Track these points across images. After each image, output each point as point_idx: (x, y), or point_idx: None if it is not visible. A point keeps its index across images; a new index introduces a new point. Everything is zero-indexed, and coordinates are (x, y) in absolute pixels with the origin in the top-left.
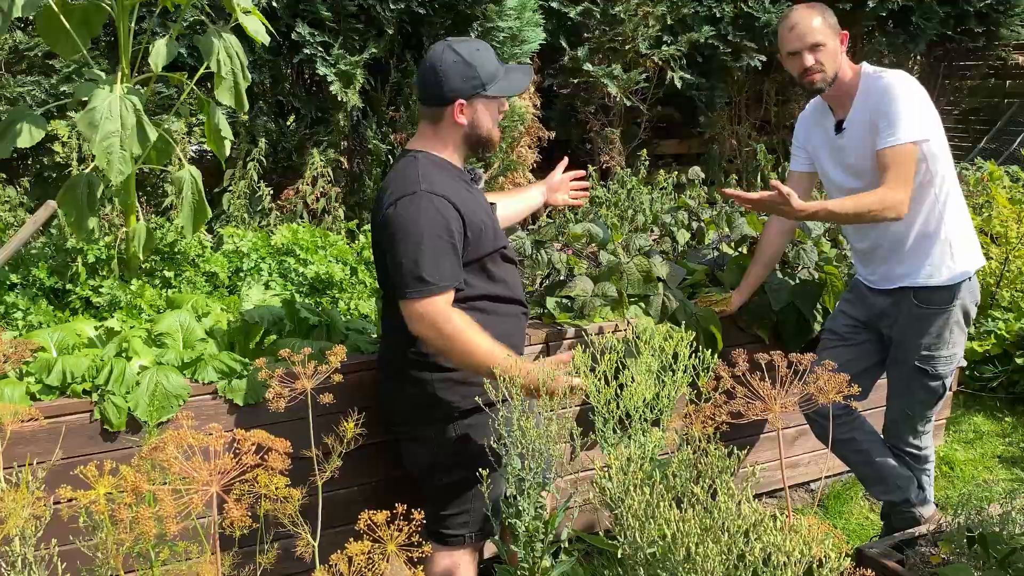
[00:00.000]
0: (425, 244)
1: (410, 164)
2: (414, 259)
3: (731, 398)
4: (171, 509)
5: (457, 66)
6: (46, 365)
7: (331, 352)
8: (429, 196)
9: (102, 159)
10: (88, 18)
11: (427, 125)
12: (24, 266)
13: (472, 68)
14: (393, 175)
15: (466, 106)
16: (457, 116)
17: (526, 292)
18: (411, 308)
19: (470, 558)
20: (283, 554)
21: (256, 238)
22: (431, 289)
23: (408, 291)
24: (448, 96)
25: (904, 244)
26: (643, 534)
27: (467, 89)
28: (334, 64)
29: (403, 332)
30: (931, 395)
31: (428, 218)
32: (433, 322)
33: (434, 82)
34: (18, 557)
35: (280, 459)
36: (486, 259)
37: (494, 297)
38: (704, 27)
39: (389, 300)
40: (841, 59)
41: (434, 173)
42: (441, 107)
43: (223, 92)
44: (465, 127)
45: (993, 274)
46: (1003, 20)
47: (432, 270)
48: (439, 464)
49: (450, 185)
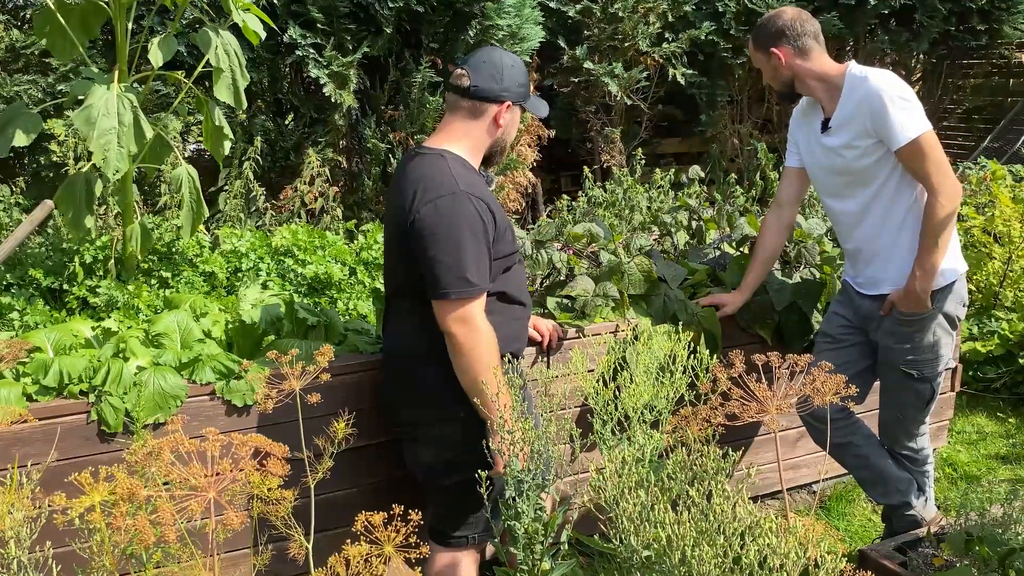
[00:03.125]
0: (469, 245)
1: (440, 163)
2: (457, 259)
3: (727, 400)
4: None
5: (514, 70)
6: (43, 366)
7: (319, 352)
8: (468, 196)
9: (99, 156)
10: (86, 19)
11: (460, 120)
12: (21, 266)
13: (523, 76)
14: (421, 174)
15: (508, 110)
16: (500, 118)
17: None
18: (449, 307)
19: (473, 559)
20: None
21: (254, 238)
22: (473, 290)
23: (450, 291)
24: (502, 95)
25: (886, 246)
26: (638, 537)
27: (516, 95)
28: (327, 65)
29: (413, 330)
30: (920, 398)
31: (469, 219)
32: (471, 321)
33: (494, 78)
34: (13, 560)
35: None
36: (505, 260)
37: (504, 297)
38: (705, 23)
39: (401, 298)
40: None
41: (466, 173)
42: (489, 104)
43: (221, 89)
44: (499, 131)
45: (996, 274)
46: (1006, 18)
47: (475, 271)
48: (444, 465)
49: (481, 186)
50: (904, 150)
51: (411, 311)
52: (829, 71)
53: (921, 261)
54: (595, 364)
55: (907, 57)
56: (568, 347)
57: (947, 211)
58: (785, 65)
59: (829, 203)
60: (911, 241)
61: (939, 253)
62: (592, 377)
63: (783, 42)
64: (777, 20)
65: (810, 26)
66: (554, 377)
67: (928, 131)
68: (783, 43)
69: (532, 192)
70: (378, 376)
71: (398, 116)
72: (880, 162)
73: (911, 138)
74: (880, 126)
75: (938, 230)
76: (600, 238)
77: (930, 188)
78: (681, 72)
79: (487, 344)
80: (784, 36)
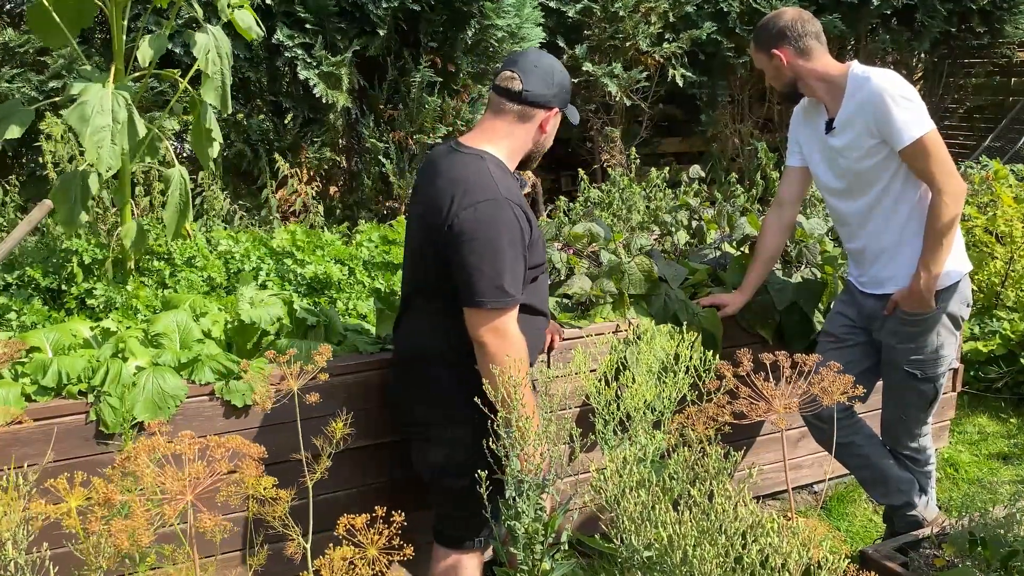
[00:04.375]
0: (508, 254)
1: (480, 165)
2: (496, 268)
3: (733, 398)
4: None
5: (563, 76)
6: (41, 366)
7: (317, 352)
8: (509, 204)
9: (92, 153)
10: (80, 12)
11: (506, 123)
12: (19, 266)
13: (568, 85)
14: (461, 175)
15: (555, 116)
16: (547, 124)
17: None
18: (484, 316)
19: (477, 562)
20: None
21: (253, 238)
22: (509, 301)
23: (486, 300)
24: (552, 102)
25: (891, 245)
26: (639, 537)
27: (563, 101)
28: (316, 65)
29: (433, 331)
30: (923, 398)
31: (510, 227)
32: (504, 331)
33: (546, 83)
34: (10, 561)
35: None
36: (535, 270)
37: (529, 308)
38: (706, 23)
39: (423, 298)
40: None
41: (505, 177)
42: (538, 108)
43: (208, 91)
44: (542, 137)
45: (998, 274)
46: (1007, 17)
47: (512, 281)
48: (453, 466)
49: (518, 191)
50: (908, 150)
51: (434, 312)
52: (831, 71)
53: (925, 261)
54: (596, 364)
55: (908, 56)
56: (569, 347)
57: (952, 210)
58: (787, 66)
59: (833, 203)
60: (915, 241)
61: (943, 252)
62: (594, 377)
63: (784, 43)
64: (778, 21)
65: (811, 26)
66: (555, 377)
67: (932, 130)
68: (784, 44)
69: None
70: (380, 376)
71: (397, 115)
72: (884, 162)
73: (915, 137)
74: (883, 126)
75: (943, 230)
76: (600, 238)
77: (935, 187)
78: (681, 74)
79: (518, 354)
80: (785, 37)
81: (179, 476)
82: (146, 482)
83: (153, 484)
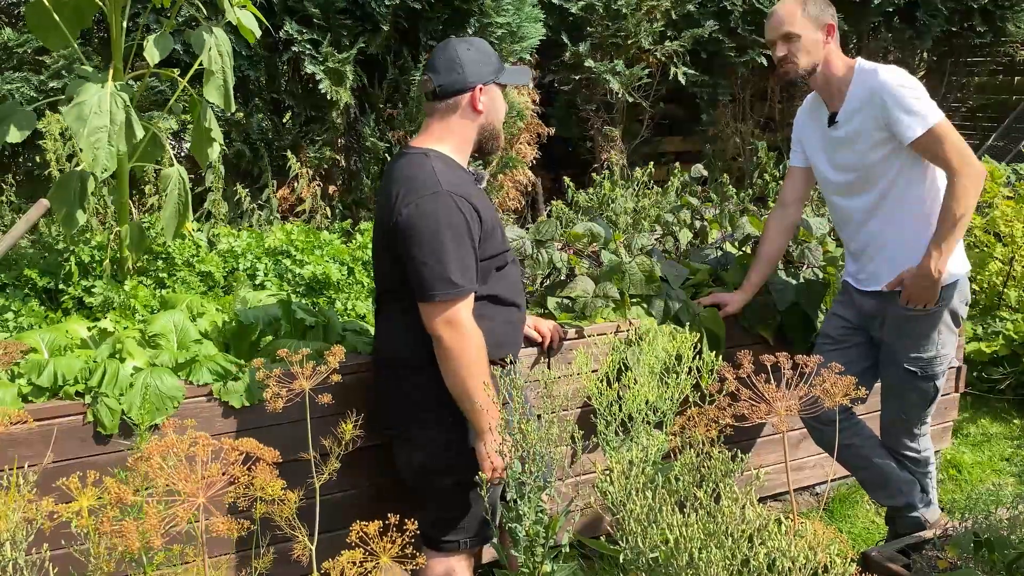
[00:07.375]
0: (450, 245)
1: (422, 163)
2: (441, 260)
3: (735, 400)
4: (155, 523)
5: (472, 53)
6: (37, 366)
7: (330, 352)
8: (450, 196)
9: (88, 154)
10: (80, 11)
11: (438, 121)
12: (16, 266)
13: (486, 56)
14: (404, 174)
15: (484, 91)
16: (476, 103)
17: (526, 292)
18: (435, 309)
19: (466, 564)
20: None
21: (251, 238)
22: (459, 291)
23: (435, 293)
24: (470, 83)
25: (893, 243)
26: (645, 539)
27: (485, 75)
28: (323, 61)
29: (405, 331)
30: (923, 397)
31: (452, 219)
32: (457, 322)
33: (454, 70)
34: (9, 562)
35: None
36: (494, 260)
37: (497, 299)
38: (708, 22)
39: (391, 299)
40: (826, 51)
41: (449, 171)
42: (459, 96)
43: (211, 90)
44: (482, 116)
45: (1000, 274)
46: (1009, 16)
47: (458, 272)
48: (433, 467)
49: (466, 184)
50: (922, 139)
51: (401, 312)
52: (844, 63)
53: (937, 241)
54: (597, 365)
55: (910, 55)
56: (570, 348)
57: (971, 193)
58: (827, 41)
59: (837, 201)
60: (918, 240)
61: (956, 235)
62: (595, 378)
63: (833, 20)
64: None
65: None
66: (556, 378)
67: (943, 118)
68: (833, 21)
69: (532, 191)
70: (372, 375)
71: (397, 114)
72: (891, 157)
73: (929, 126)
74: (892, 118)
75: (960, 211)
76: (601, 237)
77: (952, 171)
78: (683, 72)
79: (475, 347)
80: (832, 15)
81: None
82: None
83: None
